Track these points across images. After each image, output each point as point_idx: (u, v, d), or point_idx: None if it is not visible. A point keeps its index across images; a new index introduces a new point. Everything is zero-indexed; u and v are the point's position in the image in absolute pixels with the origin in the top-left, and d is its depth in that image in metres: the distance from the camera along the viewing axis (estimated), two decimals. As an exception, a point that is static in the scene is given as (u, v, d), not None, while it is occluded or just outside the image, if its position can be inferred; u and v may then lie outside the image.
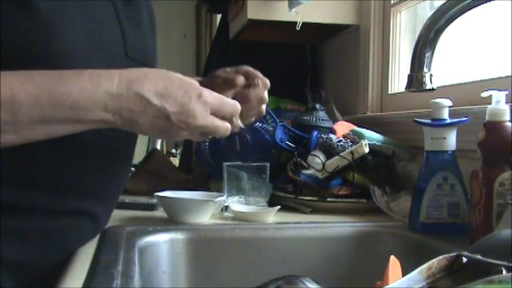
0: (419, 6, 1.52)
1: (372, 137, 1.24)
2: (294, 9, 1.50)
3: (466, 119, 0.91)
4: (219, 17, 2.54)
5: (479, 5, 0.80)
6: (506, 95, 0.80)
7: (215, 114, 0.70)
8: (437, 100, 0.91)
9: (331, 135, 1.26)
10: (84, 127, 0.64)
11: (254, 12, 1.58)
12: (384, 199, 1.07)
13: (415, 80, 0.82)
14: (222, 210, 1.09)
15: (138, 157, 1.61)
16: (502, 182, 0.77)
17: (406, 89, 0.84)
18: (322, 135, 1.26)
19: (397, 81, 1.56)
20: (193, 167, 1.66)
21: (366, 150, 1.16)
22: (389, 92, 1.56)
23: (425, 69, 0.81)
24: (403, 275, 0.53)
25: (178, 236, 0.90)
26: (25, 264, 0.71)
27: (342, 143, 1.22)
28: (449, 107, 0.91)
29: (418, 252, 0.87)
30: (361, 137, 1.23)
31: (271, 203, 1.12)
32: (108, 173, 0.80)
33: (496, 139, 0.78)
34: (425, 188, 0.90)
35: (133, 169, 1.50)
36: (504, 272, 0.49)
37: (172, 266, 0.88)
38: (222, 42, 2.06)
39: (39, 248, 0.72)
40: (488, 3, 0.81)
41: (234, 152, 1.32)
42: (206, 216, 1.00)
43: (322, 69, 2.00)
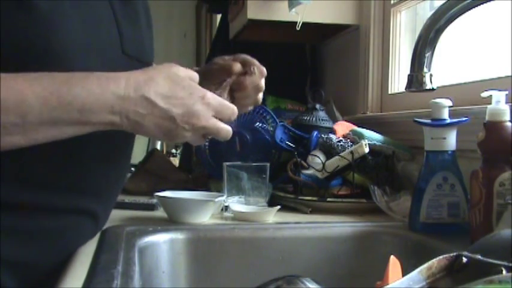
0: (419, 6, 1.52)
1: (372, 137, 1.24)
2: (294, 9, 1.50)
3: (466, 119, 0.91)
4: (219, 17, 2.54)
5: (479, 5, 0.80)
6: (506, 95, 0.79)
7: (215, 116, 0.72)
8: (437, 100, 0.91)
9: (331, 135, 1.25)
10: (90, 129, 0.65)
11: (254, 12, 1.58)
12: (384, 199, 1.07)
13: (415, 80, 0.82)
14: (222, 210, 1.09)
15: (138, 157, 1.62)
16: (502, 182, 0.76)
17: (406, 89, 0.84)
18: (322, 135, 1.26)
19: (397, 81, 1.55)
20: (193, 167, 1.66)
21: (366, 150, 1.16)
22: (389, 92, 1.56)
23: (425, 69, 0.81)
24: (403, 275, 0.53)
25: (178, 236, 0.90)
26: (25, 263, 0.71)
27: (342, 143, 1.22)
28: (449, 107, 0.91)
29: (418, 252, 0.87)
30: (361, 137, 1.23)
31: (271, 203, 1.12)
32: (107, 171, 0.80)
33: (496, 139, 0.78)
34: (425, 188, 0.90)
35: (133, 169, 1.50)
36: (504, 272, 0.49)
37: (172, 266, 0.88)
38: (222, 42, 2.06)
39: (40, 247, 0.72)
40: (488, 3, 0.81)
41: (234, 152, 1.32)
42: (206, 216, 1.00)
43: (322, 69, 2.00)
